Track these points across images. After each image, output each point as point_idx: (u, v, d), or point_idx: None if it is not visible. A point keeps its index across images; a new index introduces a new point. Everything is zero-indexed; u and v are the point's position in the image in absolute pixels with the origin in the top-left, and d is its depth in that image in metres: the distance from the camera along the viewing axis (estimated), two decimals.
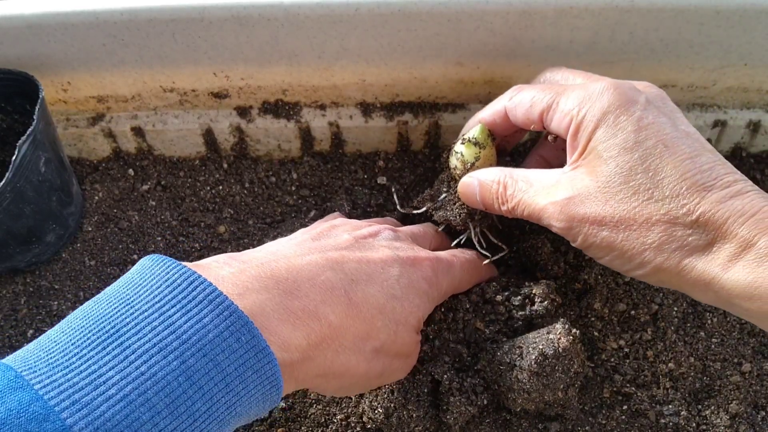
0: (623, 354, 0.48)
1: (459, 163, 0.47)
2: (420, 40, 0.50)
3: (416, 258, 0.43)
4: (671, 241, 0.36)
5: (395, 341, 0.39)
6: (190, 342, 0.29)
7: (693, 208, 0.36)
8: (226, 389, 0.29)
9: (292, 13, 0.48)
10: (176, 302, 0.30)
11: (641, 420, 0.46)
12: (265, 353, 0.31)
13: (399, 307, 0.40)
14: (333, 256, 0.39)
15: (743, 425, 0.46)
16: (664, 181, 0.37)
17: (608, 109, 0.39)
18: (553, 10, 0.48)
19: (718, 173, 0.36)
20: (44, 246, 0.52)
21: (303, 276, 0.36)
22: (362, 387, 0.41)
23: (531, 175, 0.43)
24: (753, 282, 0.34)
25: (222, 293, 0.31)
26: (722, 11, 0.48)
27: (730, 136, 0.58)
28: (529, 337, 0.43)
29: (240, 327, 0.30)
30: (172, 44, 0.50)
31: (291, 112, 0.57)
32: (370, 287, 0.39)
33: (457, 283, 0.46)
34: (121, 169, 0.59)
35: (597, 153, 0.39)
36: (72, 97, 0.56)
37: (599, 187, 0.38)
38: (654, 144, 0.37)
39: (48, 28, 0.49)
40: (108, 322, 0.29)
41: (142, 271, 0.32)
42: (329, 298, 0.36)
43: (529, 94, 0.43)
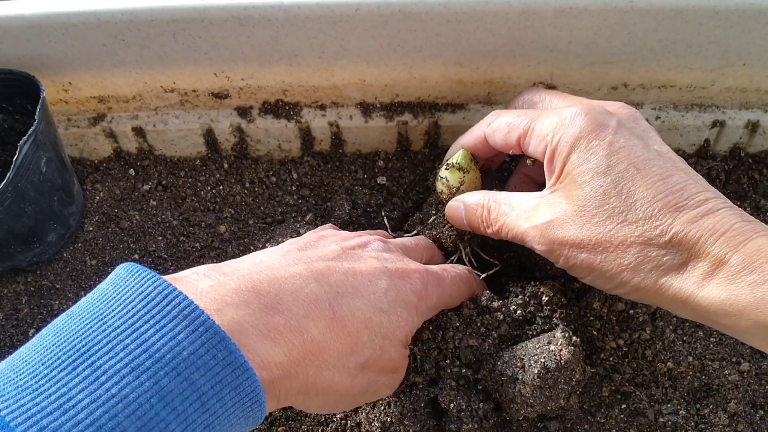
0: (622, 353, 0.48)
1: (445, 187, 0.49)
2: (420, 41, 0.50)
3: (405, 270, 0.42)
4: (647, 261, 0.37)
5: (381, 356, 0.38)
6: (164, 361, 0.28)
7: (666, 228, 0.37)
8: (202, 409, 0.28)
9: (292, 14, 0.48)
10: (149, 318, 0.29)
11: (640, 419, 0.46)
12: (243, 369, 0.30)
13: (386, 321, 0.39)
14: (318, 267, 0.38)
15: (741, 424, 0.46)
16: (636, 203, 0.38)
17: (580, 135, 0.40)
18: (552, 11, 0.48)
19: (690, 192, 0.37)
20: (45, 246, 0.52)
21: (286, 289, 0.35)
22: (346, 404, 0.40)
23: (513, 198, 0.44)
24: (726, 299, 0.34)
25: (198, 307, 0.30)
26: (721, 11, 0.48)
27: (729, 136, 0.59)
28: (529, 348, 0.43)
29: (216, 343, 0.29)
30: (172, 44, 0.50)
31: (291, 112, 0.57)
32: (356, 300, 0.38)
33: (447, 297, 0.44)
34: (122, 169, 0.59)
35: (572, 177, 0.40)
36: (73, 98, 0.56)
37: (575, 212, 0.39)
38: (626, 167, 0.38)
39: (49, 29, 0.49)
40: (79, 339, 0.28)
41: (116, 281, 0.31)
42: (312, 312, 0.35)
43: (506, 119, 0.45)
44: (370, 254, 0.42)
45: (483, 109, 0.57)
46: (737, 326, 0.35)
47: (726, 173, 0.59)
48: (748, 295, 0.34)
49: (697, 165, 0.59)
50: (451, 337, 0.44)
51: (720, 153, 0.60)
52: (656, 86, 0.55)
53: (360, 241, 0.43)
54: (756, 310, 0.33)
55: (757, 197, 0.58)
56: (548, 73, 0.54)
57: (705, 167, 0.59)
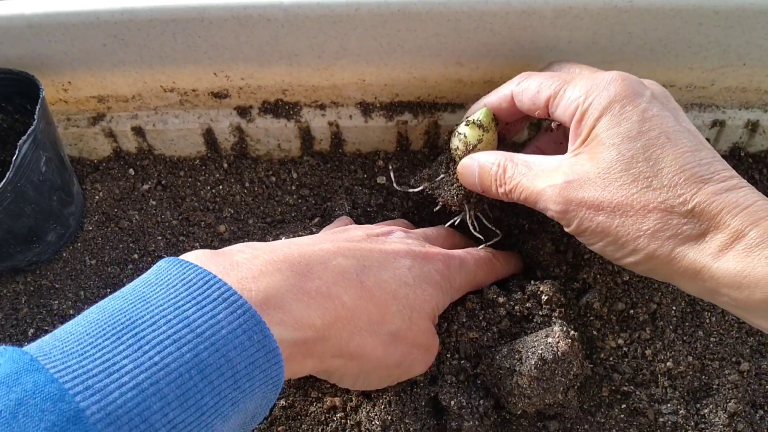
0: (622, 353, 0.48)
1: (461, 144, 0.48)
2: (419, 40, 0.50)
3: (428, 253, 0.44)
4: (666, 228, 0.37)
5: (411, 327, 0.40)
6: (204, 336, 0.29)
7: (689, 198, 0.37)
8: (234, 386, 0.30)
9: (292, 13, 0.48)
10: (191, 299, 0.31)
11: (640, 419, 0.46)
12: (274, 354, 0.31)
13: (412, 294, 0.40)
14: (345, 245, 0.40)
15: (741, 424, 0.46)
16: (663, 170, 0.38)
17: (615, 99, 0.40)
18: (552, 11, 0.48)
19: (716, 168, 0.38)
20: (45, 245, 0.52)
21: (315, 260, 0.37)
22: (382, 376, 0.41)
23: (531, 159, 0.43)
24: (741, 271, 0.35)
25: (236, 293, 0.31)
26: (721, 11, 0.48)
27: (729, 136, 0.59)
28: (528, 341, 0.43)
29: (253, 326, 0.31)
30: (172, 44, 0.50)
31: (291, 111, 0.57)
32: (383, 273, 0.39)
33: (472, 278, 0.46)
34: (121, 169, 0.59)
35: (600, 140, 0.40)
36: (72, 97, 0.56)
37: (599, 173, 0.39)
38: (657, 135, 0.38)
39: (48, 28, 0.49)
40: (124, 315, 0.30)
41: (158, 271, 0.33)
42: (341, 281, 0.37)
43: (537, 80, 0.44)
44: (394, 239, 0.44)
45: None
46: (749, 299, 0.35)
47: None
48: (764, 267, 0.34)
49: None
50: (455, 331, 0.45)
51: (720, 153, 0.60)
52: None
53: (384, 230, 0.46)
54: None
55: None
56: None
57: None
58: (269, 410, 0.46)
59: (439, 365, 0.45)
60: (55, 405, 0.25)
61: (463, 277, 0.45)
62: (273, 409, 0.46)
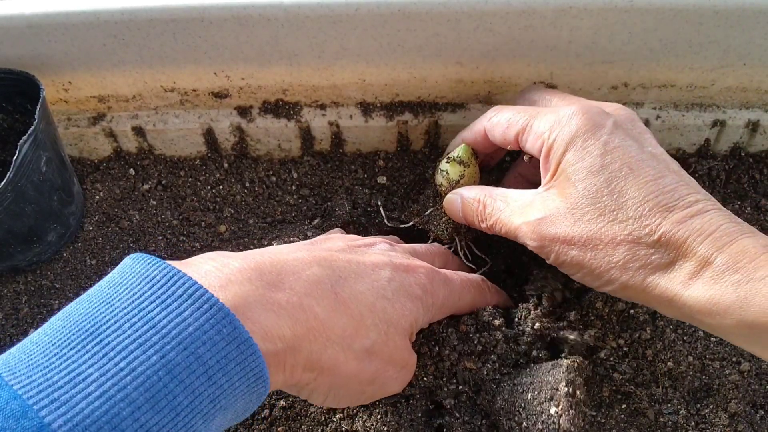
0: (622, 353, 0.48)
1: (444, 180, 0.50)
2: (420, 40, 0.50)
3: (410, 265, 0.42)
4: (635, 260, 0.38)
5: (387, 342, 0.38)
6: (170, 336, 0.29)
7: (655, 228, 0.37)
8: (208, 382, 0.29)
9: (292, 13, 0.48)
10: (155, 298, 0.30)
11: (640, 419, 0.46)
12: (248, 344, 0.30)
13: (389, 307, 0.39)
14: (322, 254, 0.38)
15: (742, 424, 0.46)
16: (628, 202, 0.38)
17: (576, 134, 0.41)
18: (552, 11, 0.48)
19: (680, 194, 0.38)
20: (45, 245, 0.52)
21: (288, 269, 0.36)
22: (354, 392, 0.40)
23: (509, 194, 0.45)
24: (711, 298, 0.35)
25: (202, 287, 0.31)
26: (721, 11, 0.48)
27: (729, 136, 0.59)
28: (529, 398, 0.41)
29: (221, 319, 0.30)
30: (172, 44, 0.50)
31: (291, 111, 0.57)
32: (359, 285, 0.38)
33: (456, 298, 0.44)
34: (121, 169, 0.59)
35: (566, 175, 0.41)
36: (73, 97, 0.56)
37: (568, 208, 0.40)
38: (619, 167, 0.39)
39: (49, 28, 0.49)
40: (88, 321, 0.29)
41: (123, 270, 0.32)
42: (315, 292, 0.36)
43: (507, 115, 0.46)
44: (375, 251, 0.43)
45: (483, 108, 0.57)
46: (721, 325, 0.35)
47: (726, 173, 0.59)
48: (732, 294, 0.34)
49: (698, 164, 0.59)
50: (447, 356, 0.44)
51: (720, 152, 0.60)
52: (656, 86, 0.55)
53: (367, 241, 0.44)
54: (739, 309, 0.34)
55: (757, 197, 0.58)
56: (548, 73, 0.54)
57: (705, 167, 0.59)
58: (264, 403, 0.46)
59: (437, 390, 0.44)
60: (18, 422, 0.25)
61: (446, 294, 0.43)
62: (273, 409, 0.46)
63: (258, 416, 0.46)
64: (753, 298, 0.34)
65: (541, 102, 0.48)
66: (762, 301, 0.33)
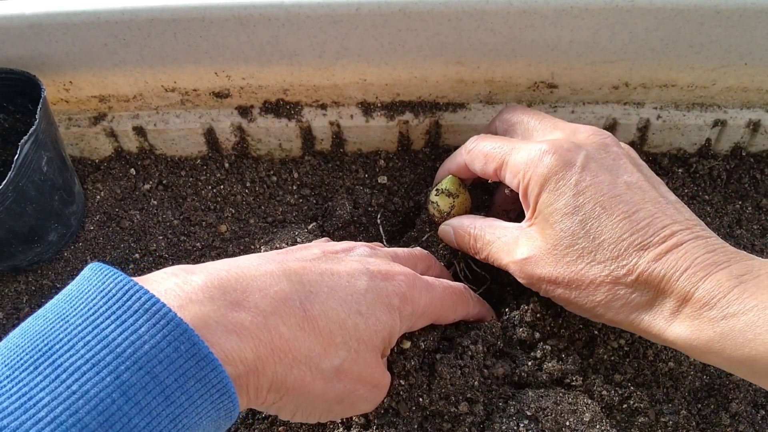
0: (623, 353, 0.48)
1: (436, 212, 0.51)
2: (420, 40, 0.50)
3: (389, 272, 0.40)
4: (616, 299, 0.39)
5: (357, 361, 0.37)
6: (125, 355, 0.28)
7: (632, 268, 0.38)
8: (166, 402, 0.28)
9: (293, 13, 0.48)
10: (111, 314, 0.29)
11: (641, 419, 0.46)
12: (207, 360, 0.29)
13: (363, 324, 0.37)
14: (292, 266, 0.37)
15: (743, 424, 0.46)
16: (604, 243, 0.39)
17: (548, 174, 0.41)
18: (553, 10, 0.48)
19: (655, 228, 0.38)
20: (46, 245, 0.52)
21: (254, 286, 0.34)
22: (321, 411, 0.38)
23: (497, 229, 0.46)
24: (692, 337, 0.36)
25: (159, 301, 0.29)
26: (722, 11, 0.48)
27: (730, 136, 0.58)
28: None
29: (178, 336, 0.29)
30: (173, 44, 0.50)
31: (292, 111, 0.57)
32: (331, 301, 0.36)
33: (438, 306, 0.43)
34: (122, 169, 0.59)
35: (544, 216, 0.42)
36: (74, 97, 0.56)
37: (549, 250, 0.41)
38: (592, 207, 0.40)
39: (50, 28, 0.49)
40: (41, 339, 0.28)
41: (80, 282, 0.31)
42: (281, 309, 0.34)
43: (484, 148, 0.46)
44: (353, 258, 0.41)
45: (484, 108, 0.57)
46: (706, 360, 0.36)
47: (727, 173, 0.59)
48: (710, 331, 0.35)
49: (699, 164, 0.59)
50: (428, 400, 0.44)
51: (721, 152, 0.60)
52: (657, 85, 0.55)
53: (345, 246, 0.43)
54: (717, 345, 0.35)
55: (758, 197, 0.58)
56: (549, 73, 0.54)
57: (706, 167, 0.58)
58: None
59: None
60: None
61: (428, 302, 0.41)
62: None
63: (259, 416, 0.46)
64: (728, 334, 0.34)
65: (519, 125, 0.48)
66: (737, 337, 0.34)
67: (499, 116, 0.51)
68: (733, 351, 0.34)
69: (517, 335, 0.48)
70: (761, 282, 0.35)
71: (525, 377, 0.47)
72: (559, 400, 0.45)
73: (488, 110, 0.57)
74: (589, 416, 0.44)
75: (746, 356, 0.34)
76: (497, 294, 0.53)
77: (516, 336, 0.48)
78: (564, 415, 0.44)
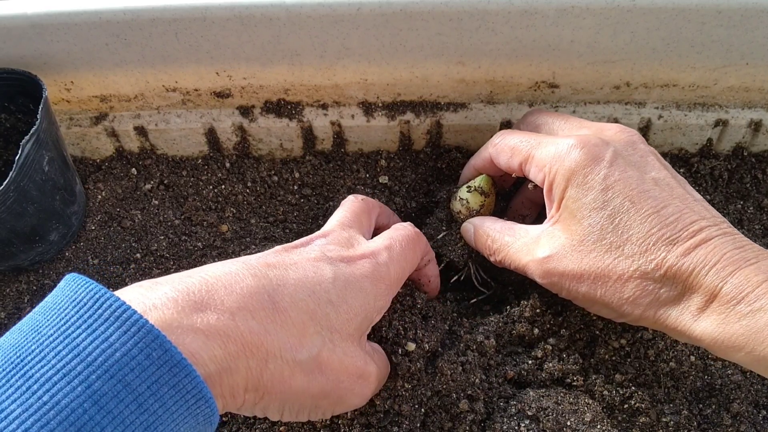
0: (624, 353, 0.48)
1: (464, 208, 0.50)
2: (421, 40, 0.50)
3: (351, 256, 0.40)
4: (645, 295, 0.39)
5: (334, 350, 0.36)
6: (96, 364, 0.27)
7: (661, 262, 0.38)
8: (139, 410, 0.28)
9: (294, 13, 0.48)
10: (82, 323, 0.28)
11: (642, 419, 0.46)
12: (181, 367, 0.29)
13: (333, 313, 0.37)
14: (255, 264, 0.36)
15: (744, 424, 0.46)
16: (632, 237, 0.39)
17: (576, 168, 0.41)
18: (554, 10, 0.48)
19: (684, 223, 0.38)
20: (48, 245, 0.53)
21: (218, 285, 0.34)
22: (310, 409, 0.38)
23: (516, 230, 0.46)
24: (720, 333, 0.36)
25: (130, 308, 0.29)
26: (724, 10, 0.48)
27: (732, 136, 0.58)
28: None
29: (150, 342, 0.28)
30: (174, 44, 0.51)
31: (293, 111, 0.57)
32: (299, 292, 0.36)
33: (404, 263, 0.43)
34: (124, 168, 0.59)
35: (570, 212, 0.41)
36: (75, 97, 0.56)
37: (574, 246, 0.41)
38: (621, 202, 0.39)
39: (51, 28, 0.49)
40: (14, 351, 0.28)
41: (55, 293, 0.31)
42: (249, 304, 0.33)
43: (510, 143, 0.46)
44: (313, 249, 0.40)
45: (485, 108, 0.57)
46: (733, 358, 0.36)
47: (729, 172, 0.59)
48: (738, 327, 0.35)
49: (700, 164, 0.59)
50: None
51: (723, 152, 0.60)
52: (659, 85, 0.55)
53: (302, 241, 0.42)
54: (742, 339, 0.34)
55: (759, 196, 0.58)
56: (550, 73, 0.54)
57: (708, 166, 0.58)
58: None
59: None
60: None
61: (397, 268, 0.42)
62: None
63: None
64: (755, 328, 0.34)
65: (543, 127, 0.48)
66: (763, 331, 0.34)
67: (523, 119, 0.50)
68: (757, 345, 0.34)
69: (517, 331, 0.48)
70: None
71: (526, 376, 0.47)
72: (560, 400, 0.45)
73: (489, 110, 0.57)
74: (590, 416, 0.44)
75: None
76: (499, 294, 0.53)
77: (515, 331, 0.48)
78: (565, 415, 0.44)
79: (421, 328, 0.45)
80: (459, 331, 0.47)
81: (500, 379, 0.47)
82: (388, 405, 0.43)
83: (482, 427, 0.45)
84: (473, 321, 0.49)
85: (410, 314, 0.46)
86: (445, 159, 0.59)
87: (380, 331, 0.44)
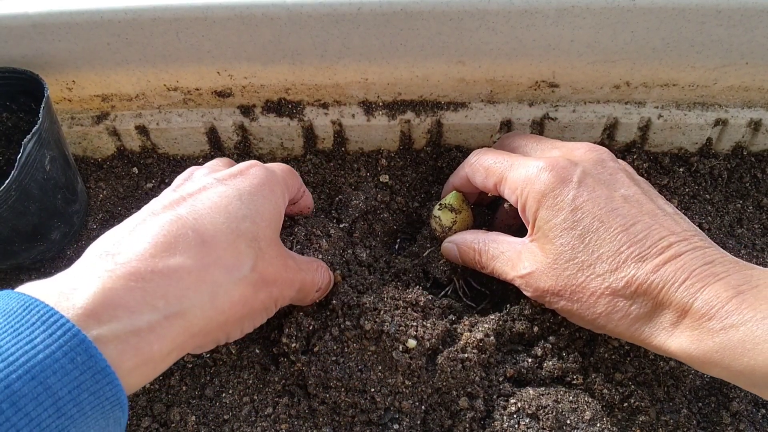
0: (624, 351, 0.48)
1: (438, 227, 0.52)
2: (422, 39, 0.50)
3: (240, 171, 0.42)
4: (616, 311, 0.40)
5: (264, 258, 0.38)
6: (17, 364, 0.27)
7: (631, 279, 0.39)
8: (57, 414, 0.28)
9: (295, 13, 0.48)
10: (9, 329, 0.28)
11: (642, 417, 0.46)
12: (104, 373, 0.29)
13: (252, 225, 0.38)
14: (161, 211, 0.37)
15: (743, 423, 0.46)
16: (603, 256, 0.40)
17: (545, 191, 0.42)
18: (554, 10, 0.48)
19: (652, 240, 0.39)
20: (49, 243, 0.53)
21: (139, 241, 0.34)
22: (265, 310, 0.41)
23: (501, 243, 0.47)
24: (690, 347, 0.36)
25: (58, 313, 0.29)
26: (723, 10, 0.48)
27: (731, 135, 0.59)
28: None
29: (75, 346, 0.28)
30: (175, 43, 0.51)
31: (294, 110, 0.57)
32: (217, 217, 0.37)
33: (288, 179, 0.45)
34: (125, 167, 0.59)
35: (543, 232, 0.43)
36: (77, 96, 0.56)
37: (549, 264, 0.42)
38: (590, 222, 0.41)
39: (53, 27, 0.49)
40: None
41: None
42: (176, 247, 0.34)
43: (485, 163, 0.47)
44: (199, 178, 0.42)
45: (485, 107, 0.57)
46: (708, 372, 0.37)
47: (728, 172, 0.59)
48: (710, 342, 0.35)
49: (700, 163, 0.59)
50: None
51: (722, 152, 0.60)
52: (659, 85, 0.55)
53: (183, 177, 0.43)
54: (717, 356, 0.35)
55: (759, 196, 0.58)
56: (550, 72, 0.54)
57: (707, 166, 0.59)
58: (269, 400, 0.46)
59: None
60: None
61: (282, 170, 0.44)
62: (276, 406, 0.47)
63: (262, 412, 0.46)
64: (727, 345, 0.34)
65: (518, 149, 0.49)
66: (736, 348, 0.34)
67: (500, 142, 0.52)
68: (733, 362, 0.34)
69: (517, 329, 0.48)
70: (759, 292, 0.35)
71: (526, 374, 0.47)
72: (559, 399, 0.45)
73: (489, 109, 0.57)
74: (590, 415, 0.44)
75: (745, 366, 0.34)
76: (500, 293, 0.53)
77: (515, 329, 0.48)
78: (565, 414, 0.44)
79: (421, 325, 0.45)
80: (459, 329, 0.47)
81: (500, 377, 0.47)
82: (389, 402, 0.43)
83: (482, 424, 0.45)
84: (473, 319, 0.49)
85: (411, 311, 0.46)
86: (445, 158, 0.59)
87: (382, 326, 0.44)
